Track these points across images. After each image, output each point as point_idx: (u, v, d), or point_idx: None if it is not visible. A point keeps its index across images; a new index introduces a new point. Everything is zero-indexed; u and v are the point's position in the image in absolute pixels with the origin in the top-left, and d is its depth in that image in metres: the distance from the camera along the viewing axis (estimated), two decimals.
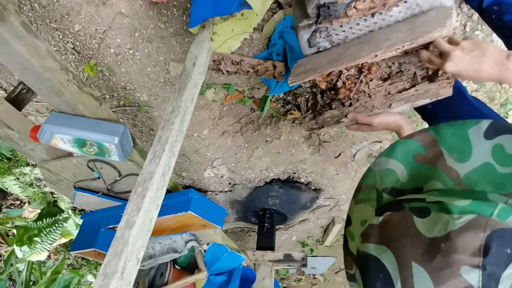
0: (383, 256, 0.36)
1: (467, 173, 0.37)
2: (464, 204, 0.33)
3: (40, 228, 2.21)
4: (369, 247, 0.38)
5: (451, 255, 0.31)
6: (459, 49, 0.64)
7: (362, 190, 0.45)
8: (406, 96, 0.74)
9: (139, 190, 0.63)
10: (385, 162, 0.43)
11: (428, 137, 0.41)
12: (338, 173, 1.92)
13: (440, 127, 0.41)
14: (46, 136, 0.82)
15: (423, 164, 0.40)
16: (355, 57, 0.71)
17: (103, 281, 0.52)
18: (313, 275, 3.14)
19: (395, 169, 0.42)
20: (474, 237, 0.31)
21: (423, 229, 0.34)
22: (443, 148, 0.39)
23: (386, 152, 0.44)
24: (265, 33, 1.28)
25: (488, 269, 0.30)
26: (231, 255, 1.53)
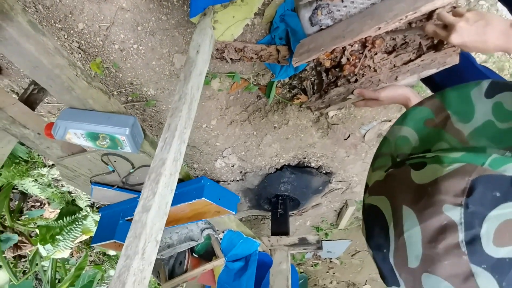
0: (381, 204, 0.39)
1: (471, 132, 0.39)
2: (457, 156, 0.34)
3: (61, 227, 2.29)
4: (371, 199, 0.42)
5: (435, 196, 0.33)
6: (463, 20, 0.65)
7: (379, 158, 0.47)
8: (412, 68, 0.73)
9: (153, 176, 0.65)
10: (398, 130, 0.46)
11: (436, 103, 0.43)
12: (348, 155, 1.91)
13: (446, 92, 0.43)
14: (60, 131, 0.85)
15: (433, 128, 0.43)
16: (358, 31, 0.71)
17: (125, 262, 0.54)
18: (329, 259, 3.16)
19: (408, 135, 0.44)
20: (459, 180, 0.32)
21: (416, 179, 0.36)
22: (450, 111, 0.41)
23: (399, 121, 0.46)
24: (266, 18, 1.27)
25: (471, 208, 0.31)
26: (247, 241, 1.56)
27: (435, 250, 0.32)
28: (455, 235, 0.31)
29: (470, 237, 0.31)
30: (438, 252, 0.32)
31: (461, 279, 0.31)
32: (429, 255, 0.33)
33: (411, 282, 0.35)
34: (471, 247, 0.31)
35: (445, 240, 0.32)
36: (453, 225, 0.32)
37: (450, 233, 0.32)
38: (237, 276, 1.52)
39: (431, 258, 0.32)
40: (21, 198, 2.41)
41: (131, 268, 0.53)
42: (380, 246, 0.38)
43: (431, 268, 0.32)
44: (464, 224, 0.31)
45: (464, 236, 0.31)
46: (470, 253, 0.31)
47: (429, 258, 0.33)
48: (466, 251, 0.31)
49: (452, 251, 0.31)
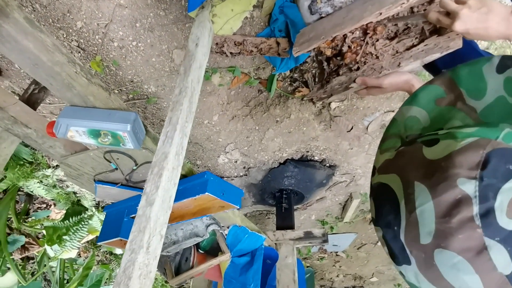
0: (391, 182, 0.39)
1: (483, 109, 0.38)
2: (471, 131, 0.34)
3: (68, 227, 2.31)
4: (381, 177, 0.41)
5: (449, 171, 0.32)
6: (466, 7, 0.65)
7: (387, 140, 0.46)
8: (415, 53, 0.72)
9: (156, 170, 0.65)
10: (407, 110, 0.45)
11: (447, 80, 0.42)
12: (352, 147, 1.90)
13: (457, 68, 0.41)
14: (62, 129, 0.85)
15: (444, 107, 0.42)
16: (359, 18, 0.70)
17: (130, 256, 0.54)
18: (335, 253, 3.16)
19: (418, 115, 0.43)
20: (473, 154, 0.32)
21: (428, 155, 0.35)
22: (462, 88, 0.40)
23: (409, 101, 0.45)
24: (265, 10, 1.26)
25: (486, 181, 0.31)
26: (252, 236, 1.56)
27: (448, 224, 0.31)
28: (470, 208, 0.31)
29: (484, 210, 0.30)
30: (452, 227, 0.31)
31: (474, 253, 0.31)
32: (442, 230, 0.32)
33: (422, 259, 0.34)
34: (485, 220, 0.30)
35: (459, 214, 0.31)
36: (468, 199, 0.31)
37: (465, 207, 0.31)
38: (243, 271, 1.52)
39: (444, 233, 0.32)
40: (27, 199, 2.42)
41: (136, 262, 0.53)
42: (390, 224, 0.38)
43: (444, 243, 0.32)
44: (479, 197, 0.30)
45: (479, 209, 0.30)
46: (484, 226, 0.30)
47: (442, 233, 0.32)
48: (480, 224, 0.30)
49: (466, 224, 0.31)
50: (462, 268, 0.31)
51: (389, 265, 3.40)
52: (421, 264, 0.35)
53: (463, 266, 0.31)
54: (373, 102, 1.65)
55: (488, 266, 0.30)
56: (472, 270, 0.31)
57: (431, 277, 0.35)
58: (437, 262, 0.33)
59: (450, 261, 0.32)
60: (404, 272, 0.38)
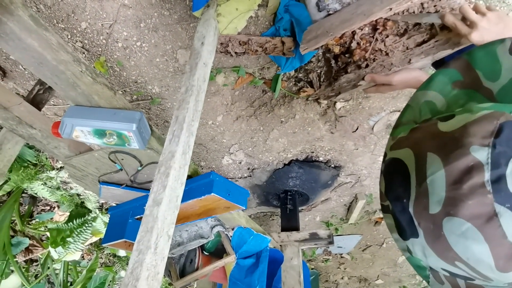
0: (404, 156, 0.38)
1: (499, 90, 0.38)
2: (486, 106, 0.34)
3: (72, 229, 2.30)
4: (393, 153, 0.41)
5: (462, 139, 0.32)
6: (485, 20, 0.66)
7: (400, 126, 0.46)
8: (426, 49, 0.70)
9: (163, 169, 0.64)
10: (423, 95, 0.44)
11: (463, 63, 0.42)
12: (357, 147, 1.88)
13: (473, 51, 0.41)
14: (67, 130, 0.84)
15: (461, 90, 0.42)
16: (368, 13, 0.68)
17: (138, 257, 0.52)
18: (340, 255, 3.13)
19: (434, 100, 0.43)
20: (487, 124, 0.32)
21: (443, 128, 0.35)
22: (478, 70, 0.40)
23: (424, 85, 0.44)
24: (270, 9, 1.25)
25: (498, 148, 0.31)
26: (257, 237, 1.54)
27: (459, 191, 0.31)
28: (481, 174, 0.31)
29: (496, 176, 0.30)
30: (462, 193, 0.31)
31: (484, 220, 0.30)
32: (452, 197, 0.32)
33: (431, 230, 0.34)
34: (496, 186, 0.30)
35: (471, 180, 0.31)
36: (480, 165, 0.31)
37: (476, 173, 0.31)
38: (248, 272, 1.50)
39: (454, 200, 0.32)
40: (31, 202, 2.42)
41: (144, 263, 0.52)
42: (399, 196, 0.38)
43: (454, 210, 0.32)
44: (491, 164, 0.30)
45: (490, 175, 0.30)
46: (495, 192, 0.30)
47: (452, 200, 0.32)
48: (491, 190, 0.30)
49: (477, 190, 0.31)
50: (471, 236, 0.31)
51: (394, 267, 3.36)
52: (429, 235, 0.35)
53: (472, 233, 0.31)
54: (378, 102, 1.63)
55: (498, 234, 0.30)
56: (482, 238, 0.30)
57: (438, 249, 0.34)
58: (445, 232, 0.33)
59: (459, 229, 0.31)
60: (412, 246, 0.38)
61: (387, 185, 0.41)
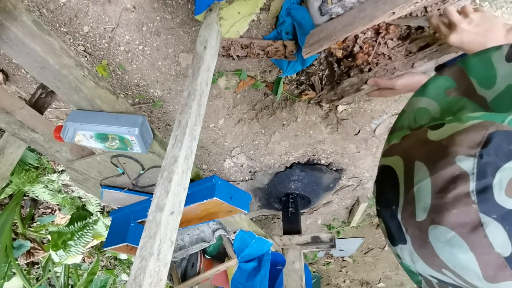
0: (394, 164, 0.39)
1: (494, 98, 0.38)
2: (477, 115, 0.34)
3: (73, 232, 2.30)
4: (385, 160, 0.41)
5: (449, 149, 0.32)
6: (466, 21, 0.64)
7: (395, 132, 0.46)
8: (429, 53, 0.70)
9: (165, 174, 0.63)
10: (417, 101, 0.44)
11: (457, 70, 0.41)
12: (359, 150, 1.87)
13: (467, 58, 0.41)
14: (69, 134, 0.84)
15: (454, 97, 0.41)
16: (371, 17, 0.68)
17: (141, 263, 0.52)
18: (341, 258, 3.12)
19: (427, 106, 0.43)
20: (475, 134, 0.31)
21: (432, 137, 0.36)
22: (472, 78, 0.40)
23: (418, 92, 0.44)
24: (272, 12, 1.25)
25: (485, 158, 0.30)
26: (259, 241, 1.53)
27: (443, 199, 0.32)
28: (466, 184, 0.31)
29: (481, 187, 0.30)
30: (446, 201, 0.31)
31: (469, 229, 0.30)
32: (438, 205, 0.32)
33: (418, 237, 0.34)
34: (482, 196, 0.30)
35: (455, 189, 0.31)
36: (465, 175, 0.31)
37: (461, 183, 0.31)
38: (250, 276, 1.49)
39: (439, 208, 0.32)
40: (32, 204, 2.42)
41: (147, 270, 0.52)
42: (388, 203, 0.38)
43: (439, 218, 0.32)
44: (477, 174, 0.30)
45: (476, 186, 0.30)
46: (480, 202, 0.30)
47: (437, 208, 0.32)
48: (476, 200, 0.30)
49: (461, 199, 0.31)
50: (456, 245, 0.31)
51: (396, 270, 3.34)
52: (416, 241, 0.35)
53: (456, 242, 0.31)
54: (380, 105, 1.63)
55: (484, 244, 0.30)
56: (467, 247, 0.30)
57: (425, 255, 0.34)
58: (431, 239, 0.33)
59: (444, 236, 0.32)
60: (400, 252, 0.38)
61: (378, 191, 0.42)
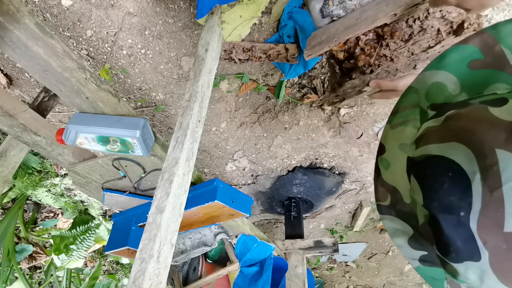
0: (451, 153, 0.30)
1: None
2: None
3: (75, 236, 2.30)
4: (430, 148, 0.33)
5: None
6: None
7: (399, 112, 0.40)
8: (432, 54, 0.70)
9: (166, 176, 0.63)
10: (431, 76, 0.38)
11: (486, 38, 0.36)
12: (361, 154, 1.86)
13: (499, 25, 0.35)
14: (71, 136, 0.84)
15: (481, 70, 0.35)
16: (373, 19, 0.68)
17: (140, 265, 0.52)
18: (345, 263, 3.09)
19: (445, 81, 0.37)
20: None
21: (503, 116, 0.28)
22: (505, 47, 0.34)
23: (433, 65, 0.38)
24: (274, 16, 1.25)
25: None
26: (261, 245, 1.52)
27: None
28: None
29: None
30: None
31: None
32: None
33: (503, 252, 0.27)
34: None
35: None
36: None
37: None
38: (252, 281, 1.48)
39: None
40: (35, 208, 2.42)
41: (147, 272, 0.51)
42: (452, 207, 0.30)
43: None
44: None
45: None
46: None
47: None
48: None
49: None
50: None
51: (400, 275, 3.30)
52: (498, 257, 0.27)
53: None
54: (383, 108, 1.62)
55: None
56: None
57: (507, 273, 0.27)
58: None
59: None
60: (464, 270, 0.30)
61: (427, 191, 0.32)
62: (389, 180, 0.39)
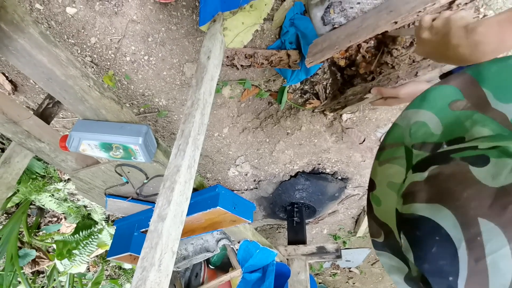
0: (437, 216, 0.30)
1: None
2: None
3: (78, 241, 2.30)
4: (417, 207, 0.32)
5: None
6: (427, 29, 0.56)
7: (386, 149, 0.40)
8: (433, 62, 0.70)
9: (168, 184, 0.63)
10: (414, 115, 0.38)
11: (466, 80, 0.36)
12: (364, 159, 1.86)
13: (481, 66, 0.35)
14: (74, 143, 0.85)
15: (462, 112, 0.35)
16: (374, 27, 0.68)
17: (141, 274, 0.52)
18: (348, 269, 3.06)
19: (427, 121, 0.37)
20: None
21: (485, 179, 0.28)
22: (486, 89, 0.34)
23: (416, 103, 0.38)
24: (276, 22, 1.26)
25: None
26: (264, 251, 1.51)
27: None
28: None
29: None
30: None
31: None
32: None
33: None
34: None
35: None
36: None
37: None
38: (255, 287, 1.47)
39: None
40: (38, 213, 2.44)
41: (148, 281, 0.51)
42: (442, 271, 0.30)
43: None
44: None
45: None
46: None
47: None
48: None
49: None
50: None
51: None
52: None
53: None
54: (385, 113, 1.62)
55: None
56: None
57: None
58: None
59: None
60: None
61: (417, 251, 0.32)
62: (381, 217, 0.39)
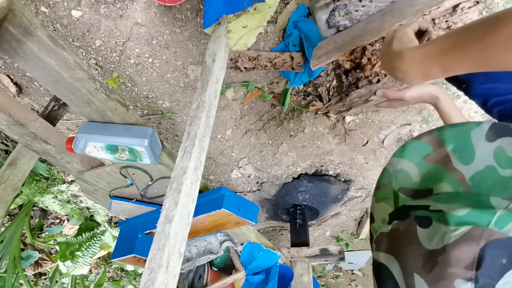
0: (391, 265, 0.38)
1: (472, 176, 0.38)
2: (462, 214, 0.34)
3: (81, 243, 2.31)
4: (380, 255, 0.40)
5: (446, 269, 0.33)
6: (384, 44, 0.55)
7: (380, 188, 0.46)
8: None
9: (175, 185, 0.64)
10: (397, 163, 0.44)
11: (434, 139, 0.41)
12: (367, 161, 1.86)
13: (444, 129, 0.41)
14: (80, 145, 0.85)
15: (434, 165, 0.41)
16: (379, 29, 0.69)
17: (150, 275, 0.52)
18: (351, 271, 3.05)
19: (407, 169, 0.43)
20: (468, 250, 0.32)
21: (423, 240, 0.35)
22: (449, 150, 0.40)
23: (398, 153, 0.45)
24: (279, 25, 1.27)
25: (481, 281, 0.31)
26: (267, 253, 1.51)
27: None
28: None
29: None
30: None
31: None
32: None
33: None
34: None
35: None
36: None
37: None
38: None
39: None
40: (41, 215, 2.44)
41: (156, 282, 0.51)
42: None
43: None
44: None
45: None
46: None
47: None
48: None
49: None
50: None
51: None
52: None
53: None
54: (388, 115, 1.62)
55: None
56: None
57: None
58: None
59: None
60: None
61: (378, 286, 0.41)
62: None
